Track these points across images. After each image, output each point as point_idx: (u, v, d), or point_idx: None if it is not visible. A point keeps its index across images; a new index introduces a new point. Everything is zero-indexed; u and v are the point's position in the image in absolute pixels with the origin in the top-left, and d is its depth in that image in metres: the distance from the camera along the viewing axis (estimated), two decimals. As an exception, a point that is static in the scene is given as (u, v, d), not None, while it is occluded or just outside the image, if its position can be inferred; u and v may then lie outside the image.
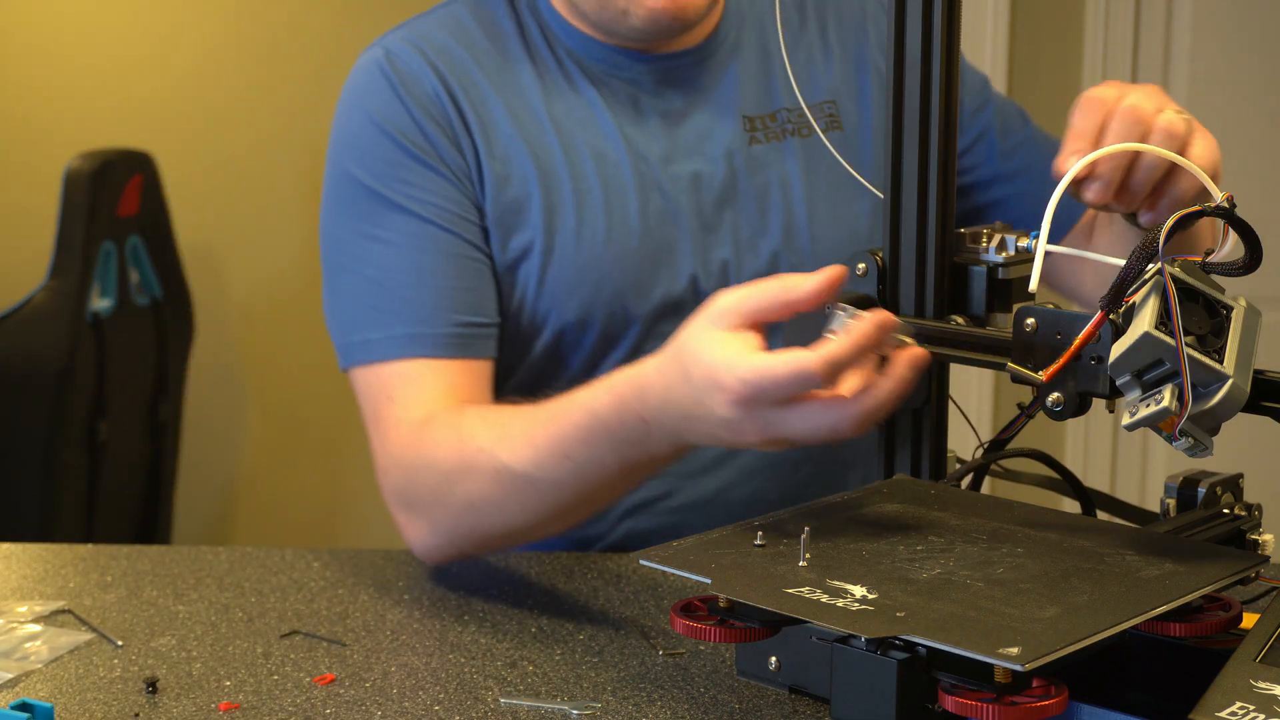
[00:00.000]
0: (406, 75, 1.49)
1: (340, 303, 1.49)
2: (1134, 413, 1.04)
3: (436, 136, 1.48)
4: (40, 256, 3.25)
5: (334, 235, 1.50)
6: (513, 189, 1.48)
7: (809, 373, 1.11)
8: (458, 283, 1.46)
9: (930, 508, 1.19)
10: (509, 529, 1.38)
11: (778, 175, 1.54)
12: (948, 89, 1.24)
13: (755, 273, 1.51)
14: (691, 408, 1.18)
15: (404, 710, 1.15)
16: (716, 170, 1.53)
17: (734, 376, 1.13)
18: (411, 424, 1.41)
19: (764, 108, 1.56)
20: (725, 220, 1.52)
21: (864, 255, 1.27)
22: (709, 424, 1.18)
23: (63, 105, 3.72)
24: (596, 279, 1.49)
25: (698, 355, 1.17)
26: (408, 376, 1.43)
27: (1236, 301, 1.07)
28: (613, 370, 1.31)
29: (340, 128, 1.53)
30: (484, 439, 1.35)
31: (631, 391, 1.24)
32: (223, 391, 3.83)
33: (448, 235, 1.46)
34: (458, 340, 1.45)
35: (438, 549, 1.41)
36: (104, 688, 1.19)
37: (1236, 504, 1.21)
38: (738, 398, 1.14)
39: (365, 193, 1.47)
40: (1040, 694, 0.94)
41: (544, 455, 1.31)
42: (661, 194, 1.51)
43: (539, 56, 1.53)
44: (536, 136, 1.50)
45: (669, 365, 1.20)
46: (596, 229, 1.49)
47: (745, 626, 1.04)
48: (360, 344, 1.46)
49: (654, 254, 1.50)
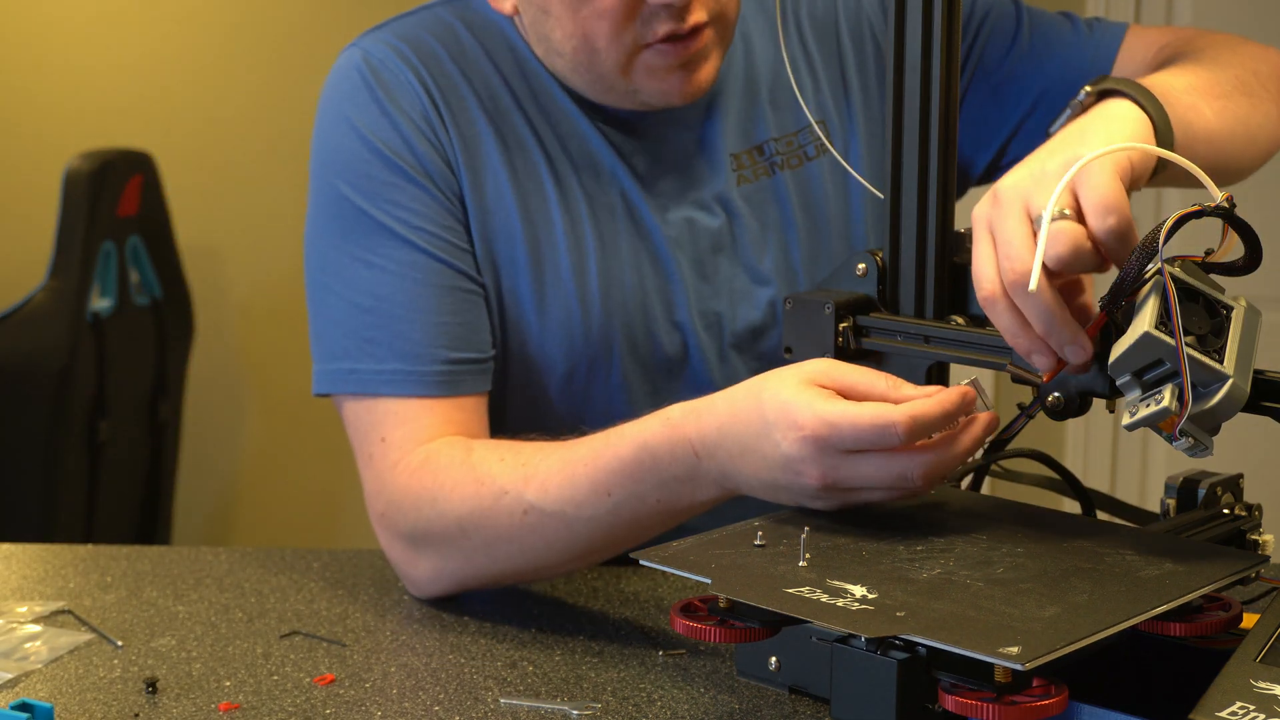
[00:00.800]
0: (390, 83, 1.43)
1: (327, 327, 1.44)
2: (1134, 413, 1.04)
3: (425, 152, 1.42)
4: (40, 256, 3.25)
5: (321, 254, 1.45)
6: (496, 222, 1.44)
7: (892, 427, 1.10)
8: (451, 318, 1.41)
9: (930, 508, 1.19)
10: (526, 568, 1.34)
11: (773, 218, 1.49)
12: (948, 89, 1.23)
13: (750, 324, 1.48)
14: (753, 440, 1.16)
15: (404, 710, 1.15)
16: (709, 217, 1.47)
17: (812, 413, 1.12)
18: (411, 466, 1.37)
19: (749, 141, 1.50)
20: (721, 269, 1.48)
21: (864, 255, 1.27)
22: (767, 461, 1.16)
23: (63, 105, 3.72)
24: (585, 329, 1.45)
25: (777, 392, 1.15)
26: (402, 416, 1.39)
27: (1236, 301, 1.07)
28: (599, 415, 1.28)
29: (323, 138, 1.47)
30: (505, 479, 1.31)
31: (687, 418, 1.22)
32: (223, 391, 3.83)
33: (441, 265, 1.41)
34: (451, 378, 1.40)
35: (448, 584, 1.37)
36: (104, 688, 1.19)
37: (1236, 504, 1.21)
38: (811, 434, 1.12)
39: (354, 212, 1.42)
40: (1040, 694, 0.94)
41: (581, 493, 1.27)
42: (654, 242, 1.46)
43: (532, 75, 1.47)
44: (526, 172, 1.45)
45: (740, 393, 1.19)
46: (590, 277, 1.45)
47: (745, 626, 1.04)
48: (349, 373, 1.41)
49: (645, 304, 1.46)
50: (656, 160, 1.48)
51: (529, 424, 1.45)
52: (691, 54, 1.38)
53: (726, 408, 1.19)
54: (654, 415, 1.25)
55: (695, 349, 1.47)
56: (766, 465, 1.16)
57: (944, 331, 1.22)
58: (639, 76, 1.39)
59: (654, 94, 1.41)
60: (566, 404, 1.47)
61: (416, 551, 1.37)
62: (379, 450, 1.39)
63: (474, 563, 1.34)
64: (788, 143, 1.51)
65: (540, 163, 1.45)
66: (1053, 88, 1.50)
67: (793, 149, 1.51)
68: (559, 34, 1.40)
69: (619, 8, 1.35)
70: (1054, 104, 1.50)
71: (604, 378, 1.47)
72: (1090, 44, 1.52)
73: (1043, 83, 1.51)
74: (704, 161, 1.48)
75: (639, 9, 1.35)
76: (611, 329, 1.46)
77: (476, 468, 1.33)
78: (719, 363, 1.47)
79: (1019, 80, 1.52)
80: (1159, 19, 3.46)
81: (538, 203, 1.45)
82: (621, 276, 1.46)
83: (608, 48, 1.37)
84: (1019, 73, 1.52)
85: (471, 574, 1.35)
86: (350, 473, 1.41)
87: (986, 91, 1.52)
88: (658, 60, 1.38)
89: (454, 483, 1.33)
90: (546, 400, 1.48)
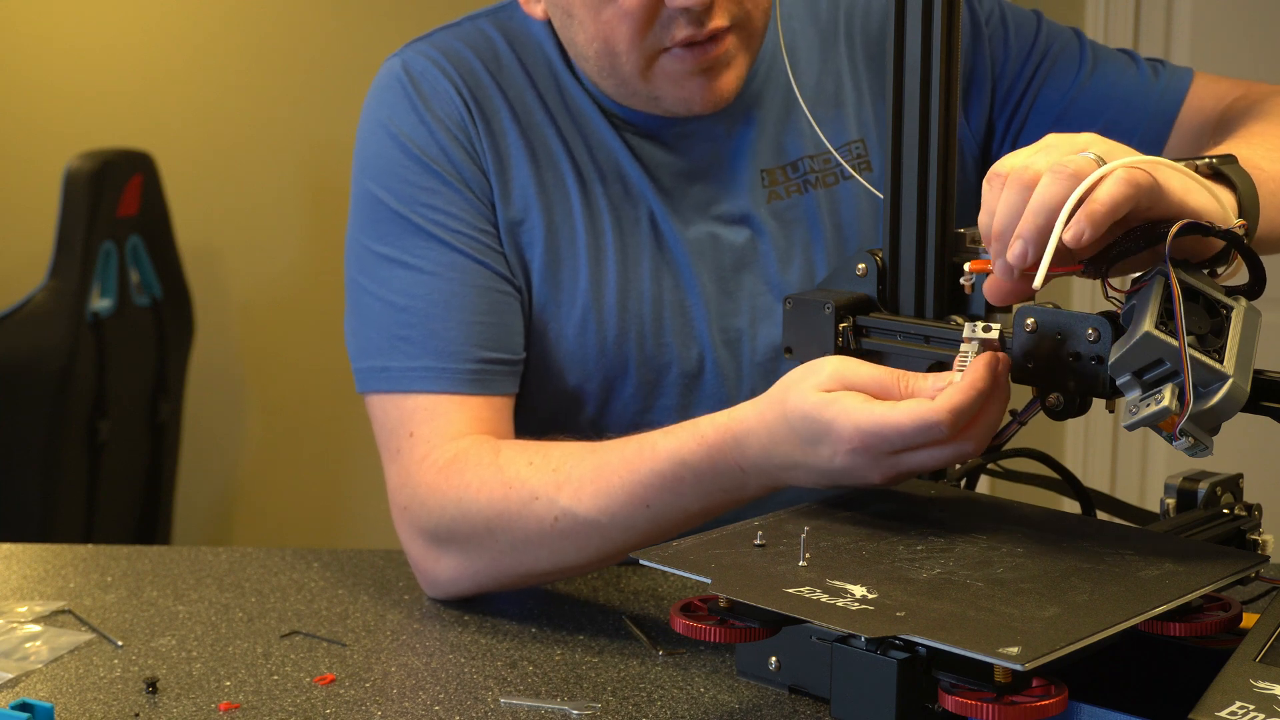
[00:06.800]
0: (428, 92, 1.45)
1: (362, 326, 1.45)
2: (1134, 412, 1.04)
3: (460, 159, 1.44)
4: (40, 256, 3.25)
5: (358, 256, 1.46)
6: (520, 233, 1.45)
7: (935, 425, 1.09)
8: (485, 317, 1.42)
9: (930, 508, 1.19)
10: (554, 569, 1.34)
11: (801, 236, 1.48)
12: (948, 89, 1.23)
13: (771, 342, 1.47)
14: (802, 456, 1.16)
15: (404, 710, 1.15)
16: (734, 233, 1.47)
17: (851, 426, 1.12)
18: (438, 462, 1.37)
19: (784, 157, 1.48)
20: (744, 285, 1.47)
21: (864, 255, 1.27)
22: (822, 470, 1.16)
23: (63, 105, 3.72)
24: (601, 343, 1.45)
25: (805, 413, 1.15)
26: (432, 411, 1.39)
27: (1237, 301, 1.07)
28: (617, 424, 1.28)
29: (363, 144, 1.48)
30: (536, 483, 1.31)
31: (727, 441, 1.22)
32: (223, 391, 3.83)
33: (478, 266, 1.42)
34: (482, 376, 1.41)
35: (467, 585, 1.37)
36: (104, 688, 1.19)
37: (1236, 504, 1.21)
38: (857, 447, 1.12)
39: (390, 215, 1.43)
40: (1040, 694, 0.94)
41: (618, 502, 1.27)
42: (675, 256, 1.46)
43: (565, 88, 1.47)
44: (553, 184, 1.45)
45: (771, 417, 1.18)
46: (608, 290, 1.45)
47: (745, 626, 1.04)
48: (380, 371, 1.42)
49: (661, 319, 1.46)
50: (683, 174, 1.47)
51: (546, 432, 1.45)
52: (711, 60, 1.38)
53: (764, 431, 1.19)
54: (683, 429, 1.25)
55: (713, 365, 1.47)
56: (822, 472, 1.17)
57: (944, 331, 1.22)
58: (659, 82, 1.40)
59: (675, 101, 1.41)
60: (582, 414, 1.48)
61: (439, 549, 1.36)
62: (406, 445, 1.40)
63: (499, 564, 1.34)
64: (824, 160, 1.49)
65: (568, 175, 1.46)
66: (1109, 130, 1.46)
67: (829, 167, 1.49)
68: (582, 37, 1.40)
69: (638, 11, 1.35)
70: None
71: (620, 391, 1.47)
72: (1156, 89, 1.50)
73: (1099, 124, 1.49)
74: (732, 176, 1.48)
75: (658, 12, 1.35)
76: (627, 342, 1.46)
77: (505, 469, 1.33)
78: (737, 380, 1.47)
79: (1075, 120, 1.50)
80: (1159, 19, 3.47)
81: (562, 215, 1.45)
82: (640, 290, 1.46)
83: (628, 51, 1.38)
84: (1077, 109, 1.51)
85: (494, 575, 1.35)
86: (350, 473, 1.41)
87: (1047, 127, 1.50)
88: (676, 65, 1.38)
89: (481, 482, 1.33)
90: (563, 411, 1.48)
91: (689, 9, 1.34)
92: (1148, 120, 1.49)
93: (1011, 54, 1.52)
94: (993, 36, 1.52)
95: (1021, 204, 1.05)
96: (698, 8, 1.34)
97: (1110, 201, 1.02)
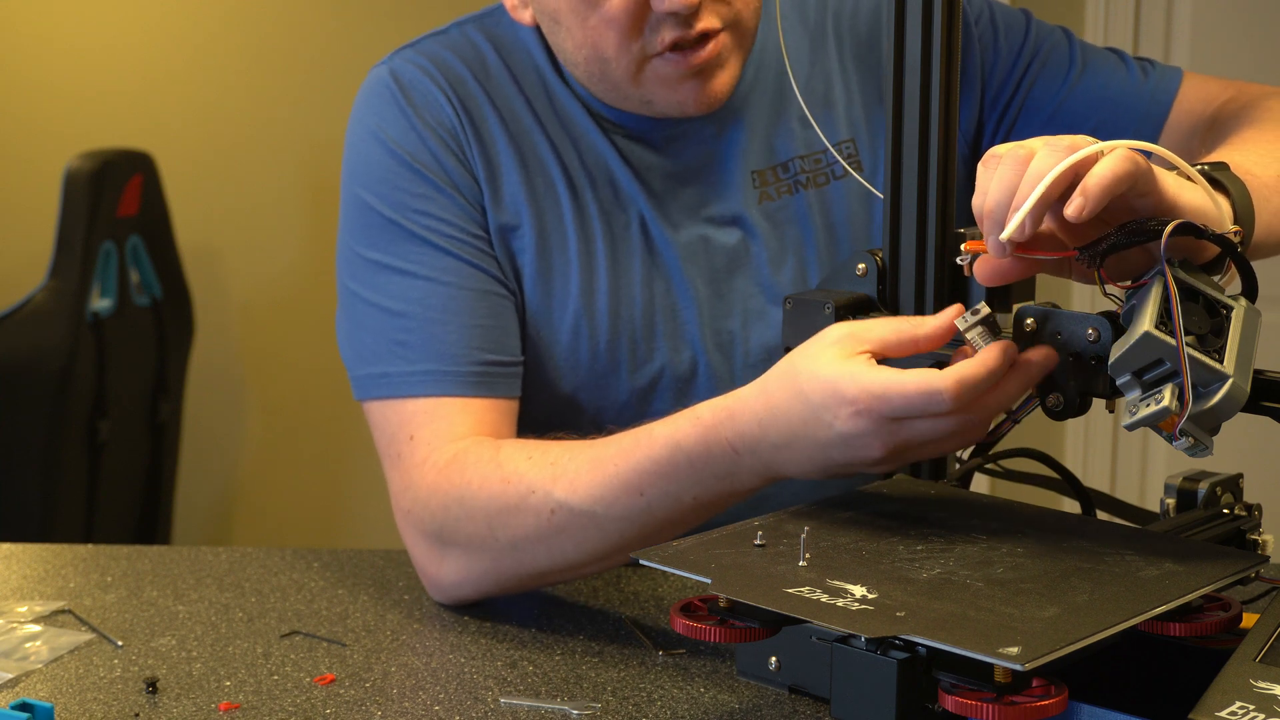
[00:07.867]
0: (418, 99, 1.45)
1: (358, 333, 1.44)
2: (1134, 412, 1.04)
3: (451, 164, 1.43)
4: (40, 256, 3.25)
5: (351, 263, 1.46)
6: (511, 239, 1.44)
7: (940, 395, 1.09)
8: (484, 320, 1.42)
9: (930, 508, 1.19)
10: (554, 568, 1.33)
11: (793, 237, 1.48)
12: (948, 89, 1.23)
13: (764, 344, 1.47)
14: (800, 426, 1.15)
15: (404, 710, 1.15)
16: (725, 235, 1.47)
17: (859, 386, 1.11)
18: (438, 463, 1.36)
19: (774, 158, 1.48)
20: (736, 288, 1.47)
21: (864, 255, 1.27)
22: (820, 443, 1.15)
23: (63, 105, 3.72)
24: (593, 349, 1.45)
25: (815, 372, 1.14)
26: (432, 414, 1.39)
27: (1236, 301, 1.07)
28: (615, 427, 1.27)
29: (352, 151, 1.48)
30: (534, 477, 1.31)
31: (720, 418, 1.21)
32: (223, 391, 3.83)
33: (472, 269, 1.42)
34: (485, 379, 1.40)
35: (470, 589, 1.36)
36: (104, 688, 1.19)
37: (1236, 504, 1.21)
38: (863, 409, 1.11)
39: (382, 222, 1.43)
40: (1040, 694, 0.94)
41: (612, 492, 1.27)
42: (666, 260, 1.46)
43: (554, 94, 1.47)
44: (543, 190, 1.45)
45: (775, 385, 1.18)
46: (599, 296, 1.45)
47: (745, 626, 1.04)
48: (380, 377, 1.41)
49: (653, 322, 1.46)
50: (674, 176, 1.47)
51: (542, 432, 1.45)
52: (702, 62, 1.38)
53: (762, 402, 1.19)
54: (682, 415, 1.25)
55: (705, 368, 1.47)
56: (819, 446, 1.16)
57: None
58: (651, 86, 1.39)
59: (668, 104, 1.41)
60: (578, 419, 1.47)
61: (442, 551, 1.36)
62: (407, 448, 1.39)
63: (501, 564, 1.33)
64: (815, 161, 1.49)
65: (558, 181, 1.46)
66: (1100, 130, 1.47)
67: (819, 167, 1.49)
68: (570, 44, 1.40)
69: (625, 16, 1.35)
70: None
71: (613, 395, 1.47)
72: (1146, 89, 1.50)
73: (1089, 125, 1.49)
74: (723, 178, 1.48)
75: (646, 17, 1.35)
76: (619, 348, 1.45)
77: (504, 465, 1.33)
78: (730, 382, 1.47)
79: (1065, 121, 1.50)
80: (1159, 19, 3.47)
81: (553, 221, 1.45)
82: (631, 295, 1.45)
83: (617, 57, 1.37)
84: (1066, 110, 1.50)
85: (497, 577, 1.35)
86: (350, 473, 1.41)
87: (1037, 128, 1.51)
88: (668, 69, 1.38)
89: (482, 479, 1.33)
90: (559, 416, 1.47)
91: (676, 12, 1.34)
92: (1138, 122, 1.49)
93: (1001, 54, 1.52)
94: (982, 37, 1.52)
95: (1016, 179, 1.05)
96: (684, 10, 1.33)
97: (1110, 174, 1.02)
